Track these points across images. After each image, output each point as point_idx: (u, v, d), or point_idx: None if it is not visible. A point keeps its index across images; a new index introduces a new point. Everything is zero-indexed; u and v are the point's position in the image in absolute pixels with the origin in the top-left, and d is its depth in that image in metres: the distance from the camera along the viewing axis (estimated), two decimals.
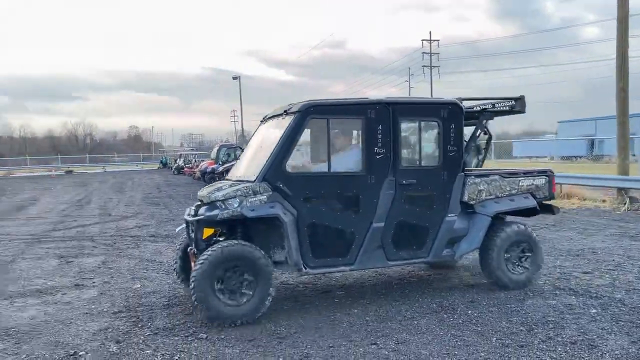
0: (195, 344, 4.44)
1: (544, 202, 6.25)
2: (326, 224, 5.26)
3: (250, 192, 5.02)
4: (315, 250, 5.19)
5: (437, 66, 54.56)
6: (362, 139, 5.40)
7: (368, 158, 5.36)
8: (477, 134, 6.41)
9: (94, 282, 6.67)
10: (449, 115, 5.63)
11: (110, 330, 4.86)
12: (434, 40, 54.23)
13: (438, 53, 54.70)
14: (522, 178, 6.09)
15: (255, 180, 5.05)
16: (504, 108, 6.50)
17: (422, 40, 54.36)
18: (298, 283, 6.38)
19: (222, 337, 4.60)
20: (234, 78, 49.95)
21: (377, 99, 5.48)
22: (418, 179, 5.55)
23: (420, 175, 5.60)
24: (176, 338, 4.59)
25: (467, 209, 5.79)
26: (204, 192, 5.43)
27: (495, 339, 4.44)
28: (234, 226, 5.19)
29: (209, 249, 4.86)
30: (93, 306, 5.62)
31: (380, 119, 5.39)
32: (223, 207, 4.97)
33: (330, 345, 4.37)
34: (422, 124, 5.67)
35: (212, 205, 5.06)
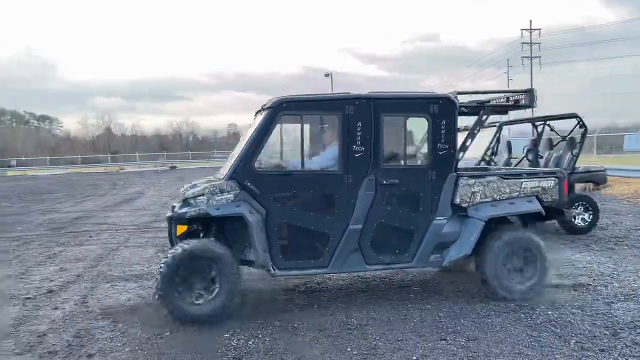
0: (270, 330, 4.67)
1: (553, 206, 5.70)
2: (298, 224, 5.13)
3: (217, 190, 4.95)
4: (285, 252, 5.08)
5: (537, 57, 51.73)
6: (339, 136, 5.17)
7: (345, 156, 5.14)
8: (476, 131, 5.78)
9: None
10: (440, 111, 5.30)
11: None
12: (535, 30, 51.45)
13: (539, 43, 51.82)
14: (526, 180, 5.58)
15: (223, 178, 5.03)
16: (508, 102, 6.03)
17: (522, 29, 51.81)
18: (374, 277, 6.44)
19: (295, 325, 4.79)
20: (326, 75, 50.54)
21: (356, 94, 5.25)
22: (401, 179, 5.28)
23: (404, 175, 5.33)
24: (251, 324, 4.84)
25: (460, 212, 5.37)
26: (183, 188, 5.35)
27: (574, 341, 4.25)
28: (210, 224, 5.16)
29: (174, 247, 4.93)
30: None
31: (360, 115, 5.16)
32: (193, 204, 4.95)
33: (399, 338, 4.41)
34: (408, 120, 5.37)
35: (185, 202, 5.05)
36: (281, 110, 5.11)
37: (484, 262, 5.31)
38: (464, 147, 5.58)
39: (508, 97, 6.02)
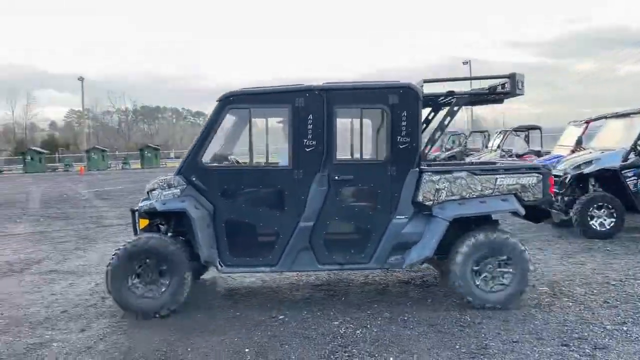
0: (379, 321, 4.65)
1: (538, 206, 5.17)
2: (246, 220, 5.04)
3: (165, 185, 4.99)
4: (233, 248, 5.00)
5: None
6: (289, 130, 4.98)
7: (295, 151, 4.96)
8: (447, 122, 5.31)
9: None
10: (400, 101, 4.94)
11: (309, 299, 5.38)
12: None
13: None
14: (501, 176, 5.01)
15: (175, 173, 5.06)
16: (486, 91, 5.51)
17: None
18: None
19: (405, 318, 4.72)
20: (464, 63, 48.73)
21: (307, 85, 5.02)
22: (357, 174, 5.01)
23: (360, 170, 5.07)
24: (362, 314, 4.86)
25: (424, 211, 4.97)
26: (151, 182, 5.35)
27: None
28: (170, 218, 5.15)
29: (124, 242, 5.00)
30: (302, 278, 6.26)
31: (311, 107, 4.95)
32: (149, 198, 5.03)
33: (515, 340, 4.13)
34: (364, 112, 5.14)
35: (146, 196, 5.14)
36: (228, 104, 5.03)
37: (452, 266, 4.89)
38: (432, 140, 5.31)
39: (495, 86, 5.46)
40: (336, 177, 4.96)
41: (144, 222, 5.19)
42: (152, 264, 4.88)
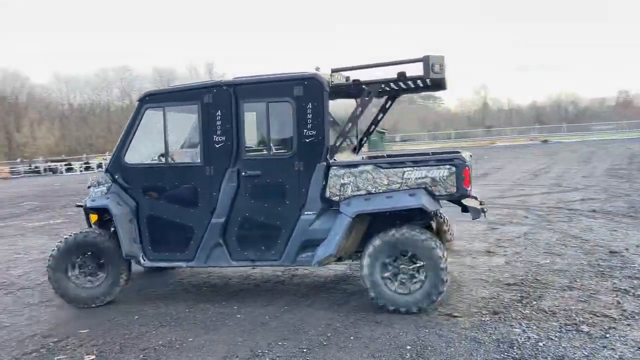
0: (571, 335, 3.94)
1: (457, 201, 4.74)
2: (164, 217, 5.13)
3: (96, 183, 5.31)
4: (154, 243, 5.15)
5: None
6: (200, 127, 5.00)
7: (206, 147, 4.99)
8: (358, 113, 4.92)
9: (505, 251, 6.72)
10: (305, 93, 4.76)
11: (493, 300, 4.86)
12: None
13: None
14: (410, 169, 4.64)
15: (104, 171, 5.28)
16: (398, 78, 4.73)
17: None
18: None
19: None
20: None
21: (215, 81, 5.04)
22: (265, 169, 4.90)
23: (268, 165, 4.94)
24: (548, 324, 4.19)
25: (334, 207, 4.73)
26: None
27: None
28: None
29: (65, 236, 5.29)
30: (492, 274, 5.71)
31: (220, 103, 4.94)
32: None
33: None
34: (271, 105, 4.90)
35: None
36: (145, 103, 5.17)
37: (361, 266, 4.64)
38: (344, 133, 4.92)
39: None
40: (244, 173, 4.92)
41: (94, 217, 5.51)
42: (90, 257, 5.23)
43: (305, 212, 4.84)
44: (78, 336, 4.53)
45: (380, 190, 4.71)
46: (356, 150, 6.24)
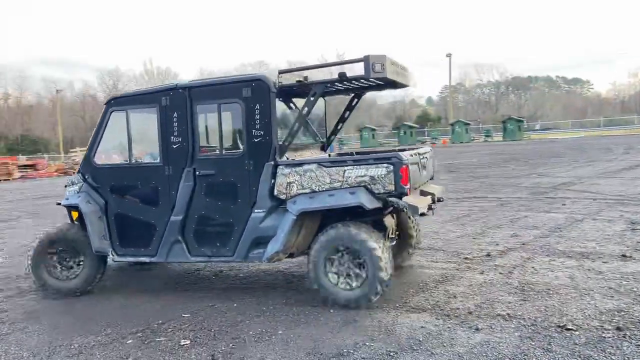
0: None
1: (395, 199, 4.60)
2: (130, 214, 5.41)
3: (71, 182, 5.71)
4: (122, 239, 5.44)
5: None
6: (158, 129, 5.25)
7: (165, 148, 5.24)
8: (305, 112, 4.94)
9: None
10: (253, 95, 4.91)
11: (621, 314, 4.21)
12: None
13: None
14: (349, 167, 4.67)
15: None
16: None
17: None
18: None
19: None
20: None
21: (172, 84, 5.25)
22: (218, 169, 5.10)
23: (221, 165, 5.13)
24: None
25: (282, 205, 4.86)
26: None
27: None
28: None
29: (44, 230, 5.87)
30: (624, 282, 4.97)
31: (176, 105, 5.18)
32: None
33: None
34: (222, 107, 5.09)
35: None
36: (110, 106, 5.46)
37: (307, 262, 4.84)
38: (292, 133, 5.02)
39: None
40: (199, 173, 5.11)
41: (75, 214, 5.82)
42: (68, 251, 5.59)
43: (256, 210, 4.98)
44: (180, 320, 4.71)
45: (324, 189, 4.78)
46: (324, 148, 6.32)
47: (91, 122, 64.09)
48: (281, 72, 5.06)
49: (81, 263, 5.61)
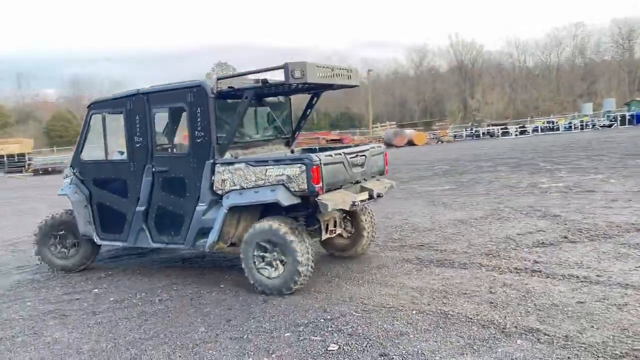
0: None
1: (312, 197, 5.02)
2: (107, 204, 6.15)
3: (65, 175, 6.49)
4: (102, 226, 6.19)
5: None
6: (125, 130, 5.88)
7: (130, 147, 5.88)
8: (240, 114, 5.49)
9: None
10: (195, 99, 5.47)
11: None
12: None
13: None
14: (270, 167, 5.15)
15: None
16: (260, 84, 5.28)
17: None
18: None
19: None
20: None
21: (135, 90, 5.84)
22: (170, 166, 5.70)
23: (172, 162, 5.75)
24: None
25: (220, 200, 5.41)
26: None
27: None
28: None
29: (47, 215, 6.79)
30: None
31: (138, 109, 5.80)
32: None
33: None
34: (172, 110, 5.90)
35: None
36: (90, 110, 6.23)
37: (241, 250, 5.29)
38: (232, 132, 5.51)
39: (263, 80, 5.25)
40: (155, 169, 5.77)
41: None
42: (67, 234, 6.56)
43: (200, 204, 5.52)
44: (345, 319, 4.43)
45: (250, 186, 5.24)
46: (289, 143, 6.80)
47: (400, 98, 70.80)
48: (219, 78, 5.58)
49: (77, 244, 6.56)
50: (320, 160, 5.03)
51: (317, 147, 7.17)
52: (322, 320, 4.45)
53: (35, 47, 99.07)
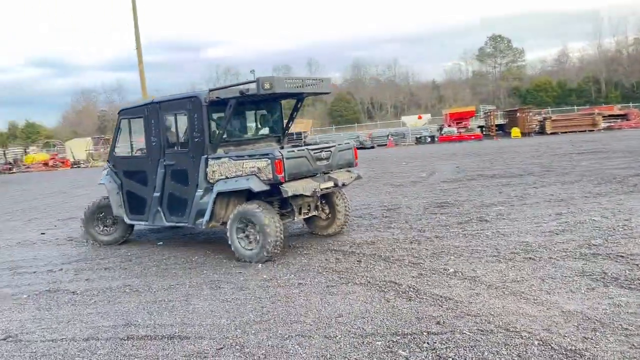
0: None
1: (276, 184, 6.16)
2: (133, 191, 7.56)
3: (104, 168, 8.07)
4: (130, 208, 7.61)
5: None
6: (145, 131, 7.26)
7: (148, 145, 7.30)
8: (226, 119, 6.77)
9: None
10: (193, 107, 6.70)
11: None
12: None
13: None
14: (247, 160, 6.31)
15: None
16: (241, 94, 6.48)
17: None
18: None
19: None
20: None
21: (150, 100, 7.42)
22: (177, 160, 6.99)
23: (178, 157, 7.00)
24: None
25: (212, 187, 6.56)
26: None
27: None
28: None
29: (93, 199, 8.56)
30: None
31: (153, 115, 7.19)
32: None
33: None
34: (178, 116, 6.98)
35: None
36: (120, 116, 7.77)
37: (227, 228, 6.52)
38: (222, 131, 6.81)
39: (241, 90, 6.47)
40: (166, 163, 7.08)
41: None
42: (106, 215, 8.10)
43: (198, 190, 6.77)
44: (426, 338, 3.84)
45: (232, 176, 6.43)
46: (280, 141, 7.99)
47: None
48: (211, 90, 6.76)
49: (116, 224, 8.07)
50: (282, 155, 6.15)
51: (303, 143, 9.01)
52: None
53: (324, 34, 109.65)
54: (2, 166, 40.69)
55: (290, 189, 6.13)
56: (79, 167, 38.14)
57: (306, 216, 7.16)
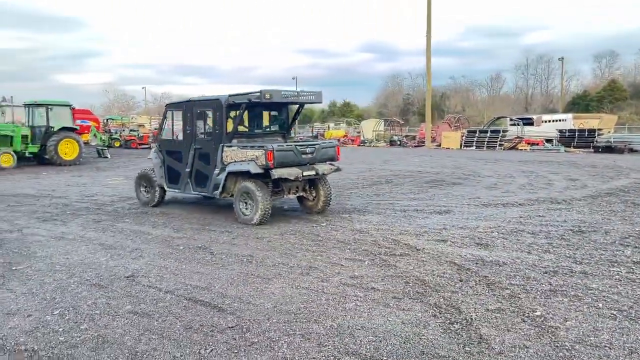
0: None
1: (268, 169, 8.23)
2: (171, 166, 9.84)
3: (152, 148, 10.53)
4: (169, 180, 9.94)
5: None
6: (182, 122, 9.59)
7: (185, 132, 9.58)
8: (238, 118, 9.00)
9: None
10: (216, 107, 8.99)
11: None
12: None
13: None
14: (249, 150, 8.43)
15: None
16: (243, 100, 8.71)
17: None
18: None
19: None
20: None
21: (187, 99, 9.78)
22: (203, 146, 9.26)
23: (204, 143, 9.26)
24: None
25: (225, 168, 8.76)
26: None
27: None
28: None
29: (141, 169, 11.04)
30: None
31: (189, 110, 9.49)
32: None
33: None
34: (206, 112, 9.35)
35: None
36: (167, 108, 10.09)
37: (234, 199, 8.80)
38: (233, 129, 8.99)
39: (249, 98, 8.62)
40: (195, 147, 9.30)
41: None
42: (147, 181, 10.43)
43: (215, 169, 8.92)
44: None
45: (238, 161, 8.52)
46: (285, 137, 10.15)
47: None
48: (231, 95, 8.84)
49: (154, 189, 10.33)
50: (273, 148, 8.18)
51: (300, 139, 11.27)
52: None
53: None
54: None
55: (277, 173, 8.21)
56: (363, 145, 39.66)
57: (294, 195, 9.37)
